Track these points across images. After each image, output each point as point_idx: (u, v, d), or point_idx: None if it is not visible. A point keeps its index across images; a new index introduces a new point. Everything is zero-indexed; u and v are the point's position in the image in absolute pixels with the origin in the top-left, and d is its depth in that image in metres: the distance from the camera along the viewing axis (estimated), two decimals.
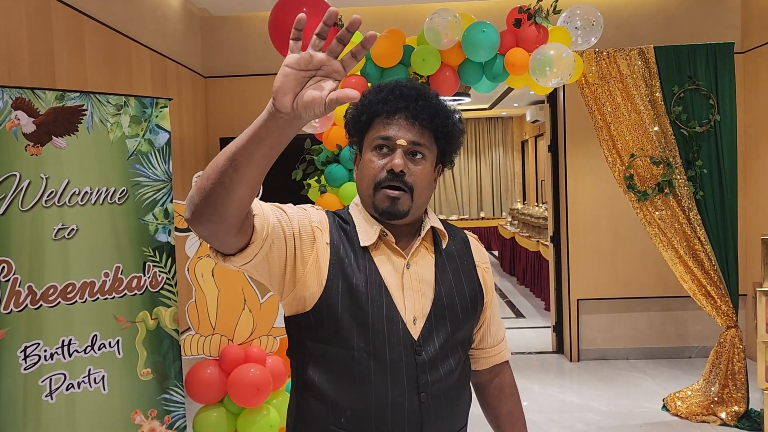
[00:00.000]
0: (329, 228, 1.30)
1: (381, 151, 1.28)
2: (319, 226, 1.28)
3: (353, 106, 1.34)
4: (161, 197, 2.79)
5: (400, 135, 1.27)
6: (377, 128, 1.29)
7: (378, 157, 1.28)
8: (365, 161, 1.30)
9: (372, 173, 1.28)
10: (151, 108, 2.78)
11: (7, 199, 2.36)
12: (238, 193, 1.01)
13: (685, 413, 4.02)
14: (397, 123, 1.28)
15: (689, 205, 3.91)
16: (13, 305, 2.38)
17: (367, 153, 1.31)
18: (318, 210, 1.33)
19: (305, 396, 1.30)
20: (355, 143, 1.37)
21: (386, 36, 3.37)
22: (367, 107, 1.30)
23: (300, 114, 0.95)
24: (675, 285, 4.86)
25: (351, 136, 1.36)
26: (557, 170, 5.49)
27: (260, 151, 0.98)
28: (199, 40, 5.38)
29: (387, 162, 1.27)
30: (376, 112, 1.29)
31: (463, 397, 1.35)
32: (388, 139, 1.27)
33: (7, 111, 2.37)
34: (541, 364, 5.35)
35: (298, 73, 0.94)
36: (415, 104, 1.27)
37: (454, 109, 1.34)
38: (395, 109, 1.28)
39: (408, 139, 1.27)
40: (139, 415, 2.72)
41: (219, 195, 1.01)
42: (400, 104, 1.27)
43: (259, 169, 1.00)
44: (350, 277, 1.26)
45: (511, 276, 9.67)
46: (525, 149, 13.04)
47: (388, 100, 1.28)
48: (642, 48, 3.89)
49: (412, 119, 1.27)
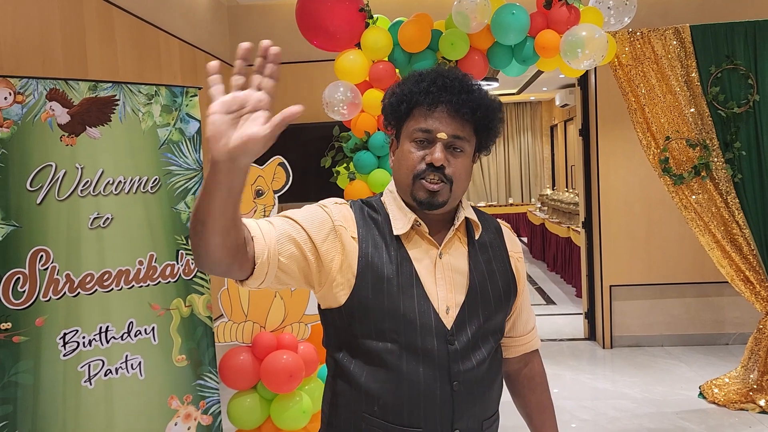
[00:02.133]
0: (355, 221, 1.29)
1: (421, 143, 1.26)
2: (342, 224, 1.27)
3: (392, 93, 1.32)
4: (192, 186, 2.81)
5: (441, 128, 1.25)
6: (417, 119, 1.27)
7: (417, 149, 1.26)
8: (404, 151, 1.29)
9: (411, 164, 1.27)
10: (181, 97, 2.80)
11: (44, 189, 2.40)
12: (215, 241, 1.03)
13: (722, 401, 3.95)
14: (438, 116, 1.25)
15: (727, 188, 3.80)
16: (51, 293, 2.42)
17: (405, 143, 1.29)
18: (341, 205, 1.32)
19: (340, 384, 1.31)
20: (391, 128, 1.35)
21: (414, 21, 3.33)
22: (408, 97, 1.28)
23: (237, 157, 0.93)
24: (711, 270, 4.77)
25: (388, 123, 1.34)
26: (588, 155, 5.39)
27: (216, 203, 0.98)
28: (227, 29, 5.40)
29: (426, 154, 1.25)
30: (417, 103, 1.27)
31: (494, 386, 1.35)
32: (429, 132, 1.25)
33: (42, 102, 2.40)
34: (573, 351, 5.29)
35: (224, 116, 0.93)
36: (458, 97, 1.24)
37: (495, 98, 1.31)
38: (437, 101, 1.25)
39: (449, 132, 1.25)
40: (175, 400, 2.76)
41: (201, 246, 1.04)
42: (442, 97, 1.25)
43: (225, 218, 1.01)
44: (380, 269, 1.25)
45: (541, 262, 9.59)
46: (554, 134, 12.86)
47: (430, 92, 1.25)
48: (677, 27, 3.79)
49: (453, 112, 1.25)
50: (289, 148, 4.90)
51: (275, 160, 2.95)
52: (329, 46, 3.45)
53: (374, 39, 3.30)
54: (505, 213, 12.16)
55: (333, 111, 3.34)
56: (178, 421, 2.76)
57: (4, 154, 2.31)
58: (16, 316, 2.34)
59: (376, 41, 3.30)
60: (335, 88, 3.33)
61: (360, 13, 3.35)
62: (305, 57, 5.30)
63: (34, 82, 2.39)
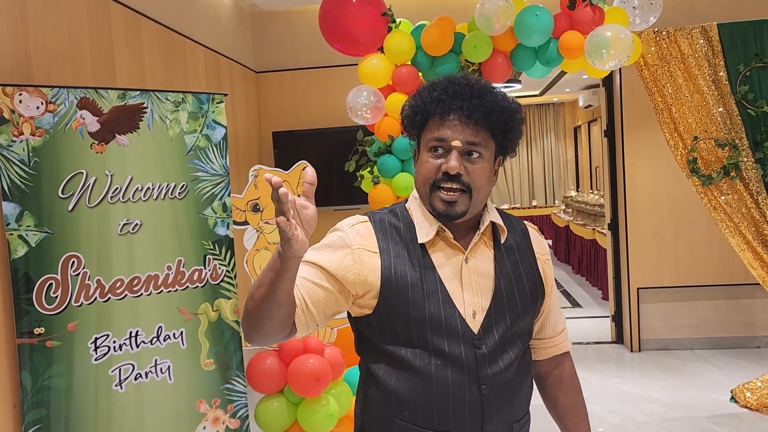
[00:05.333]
0: (375, 236, 1.31)
1: (436, 152, 1.27)
2: (362, 244, 1.29)
3: (408, 105, 1.33)
4: (219, 191, 2.85)
5: (454, 136, 1.25)
6: (432, 129, 1.28)
7: (433, 158, 1.27)
8: (422, 161, 1.30)
9: (428, 174, 1.28)
10: (207, 104, 2.83)
11: (75, 196, 2.45)
12: (276, 316, 1.18)
13: (755, 405, 3.87)
14: (450, 124, 1.25)
15: (758, 188, 3.73)
16: (83, 298, 2.47)
17: (423, 153, 1.30)
18: (358, 224, 1.33)
19: (371, 389, 1.33)
20: (413, 138, 1.36)
21: (436, 24, 3.33)
22: (421, 107, 1.29)
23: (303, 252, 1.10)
24: (741, 272, 4.68)
25: (407, 133, 1.36)
26: (614, 156, 5.33)
27: (284, 286, 1.14)
28: (250, 35, 5.45)
29: (442, 163, 1.26)
30: (430, 113, 1.28)
31: (523, 388, 1.35)
32: (443, 140, 1.26)
33: (73, 111, 2.45)
34: (600, 354, 5.23)
35: (290, 225, 1.05)
36: (469, 103, 1.24)
37: (511, 100, 1.30)
38: (448, 110, 1.25)
39: (462, 140, 1.25)
40: (204, 404, 2.79)
41: (263, 323, 1.18)
42: (453, 104, 1.25)
43: (288, 296, 1.17)
44: (404, 277, 1.26)
45: (566, 265, 9.49)
46: (578, 135, 12.74)
47: (441, 100, 1.26)
48: (705, 26, 3.73)
49: (466, 119, 1.25)
50: (313, 152, 4.95)
51: (300, 165, 2.97)
52: (352, 51, 3.47)
53: (397, 43, 3.31)
54: (529, 215, 12.07)
55: (357, 115, 3.35)
56: (206, 424, 2.79)
57: (37, 162, 2.36)
58: (49, 321, 2.38)
59: (399, 45, 3.31)
60: (359, 93, 3.34)
61: (383, 18, 3.36)
62: (329, 62, 5.33)
63: (64, 91, 2.44)
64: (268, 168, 2.94)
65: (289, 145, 5.32)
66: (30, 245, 2.35)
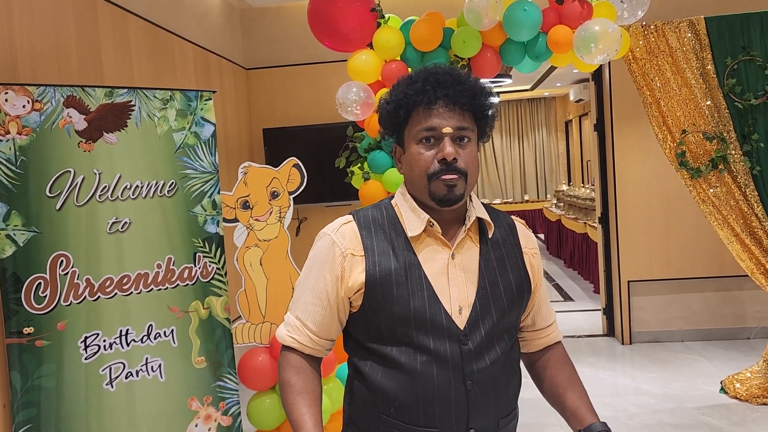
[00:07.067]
0: (359, 236, 1.31)
1: (428, 142, 1.27)
2: (349, 248, 1.30)
3: (386, 101, 1.33)
4: (209, 189, 2.84)
5: (444, 123, 1.26)
6: (418, 120, 1.28)
7: (426, 149, 1.27)
8: (413, 154, 1.29)
9: (424, 165, 1.27)
10: (195, 101, 2.82)
11: (63, 195, 2.44)
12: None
13: (744, 395, 3.90)
14: (437, 112, 1.26)
15: (745, 181, 3.76)
16: (72, 297, 2.46)
17: (412, 146, 1.30)
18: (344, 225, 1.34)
19: (357, 386, 1.34)
20: (391, 135, 1.36)
21: (425, 19, 3.33)
22: (404, 101, 1.29)
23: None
24: (731, 264, 4.71)
25: (387, 131, 1.35)
26: (604, 150, 5.35)
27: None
28: (240, 32, 5.43)
29: (437, 152, 1.26)
30: (415, 104, 1.28)
31: (510, 384, 1.35)
32: (433, 129, 1.26)
33: (60, 109, 2.44)
34: (591, 347, 5.26)
35: None
36: (453, 89, 1.26)
37: (485, 84, 1.33)
38: (434, 98, 1.26)
39: (453, 125, 1.26)
40: (195, 401, 2.79)
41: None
42: (439, 92, 1.26)
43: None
44: (389, 274, 1.27)
45: (558, 259, 9.53)
46: (569, 129, 12.78)
47: (426, 90, 1.27)
48: (692, 20, 3.75)
49: (452, 105, 1.26)
50: (303, 149, 4.94)
51: (290, 162, 2.96)
52: (341, 47, 3.46)
53: (386, 38, 3.31)
54: (520, 210, 12.11)
55: (346, 111, 3.35)
56: (198, 422, 2.79)
57: (24, 161, 2.35)
58: (39, 320, 2.37)
59: (388, 41, 3.31)
60: (348, 89, 3.34)
61: (371, 13, 3.35)
62: (318, 58, 5.32)
63: (51, 89, 2.42)
64: (258, 165, 2.94)
65: (279, 141, 5.31)
66: (18, 245, 2.34)
